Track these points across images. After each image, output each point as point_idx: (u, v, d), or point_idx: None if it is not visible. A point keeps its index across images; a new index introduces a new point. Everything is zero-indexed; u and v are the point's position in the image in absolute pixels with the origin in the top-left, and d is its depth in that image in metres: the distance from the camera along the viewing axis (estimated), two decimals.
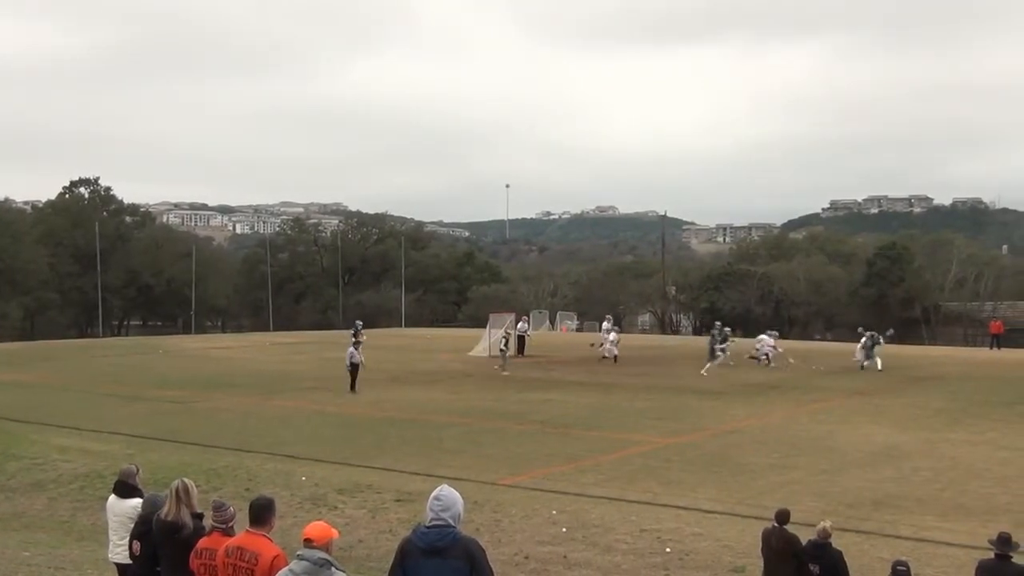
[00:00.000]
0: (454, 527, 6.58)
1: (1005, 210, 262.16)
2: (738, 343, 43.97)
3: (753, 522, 13.94)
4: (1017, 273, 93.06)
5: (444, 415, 27.04)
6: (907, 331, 77.20)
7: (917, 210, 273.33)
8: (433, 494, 6.73)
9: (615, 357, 41.84)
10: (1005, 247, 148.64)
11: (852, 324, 78.88)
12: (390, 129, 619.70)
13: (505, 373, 37.77)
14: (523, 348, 48.08)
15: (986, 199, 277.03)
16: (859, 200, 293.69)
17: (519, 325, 50.16)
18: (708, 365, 38.45)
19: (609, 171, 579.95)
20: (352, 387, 32.01)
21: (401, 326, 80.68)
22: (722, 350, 39.70)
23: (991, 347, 54.16)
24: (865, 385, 34.74)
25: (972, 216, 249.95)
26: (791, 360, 40.98)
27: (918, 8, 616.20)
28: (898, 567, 9.51)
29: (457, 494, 6.74)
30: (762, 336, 43.16)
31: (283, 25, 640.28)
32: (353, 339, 38.53)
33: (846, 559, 10.30)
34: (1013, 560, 9.88)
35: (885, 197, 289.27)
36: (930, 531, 14.76)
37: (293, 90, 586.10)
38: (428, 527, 6.61)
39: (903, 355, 44.98)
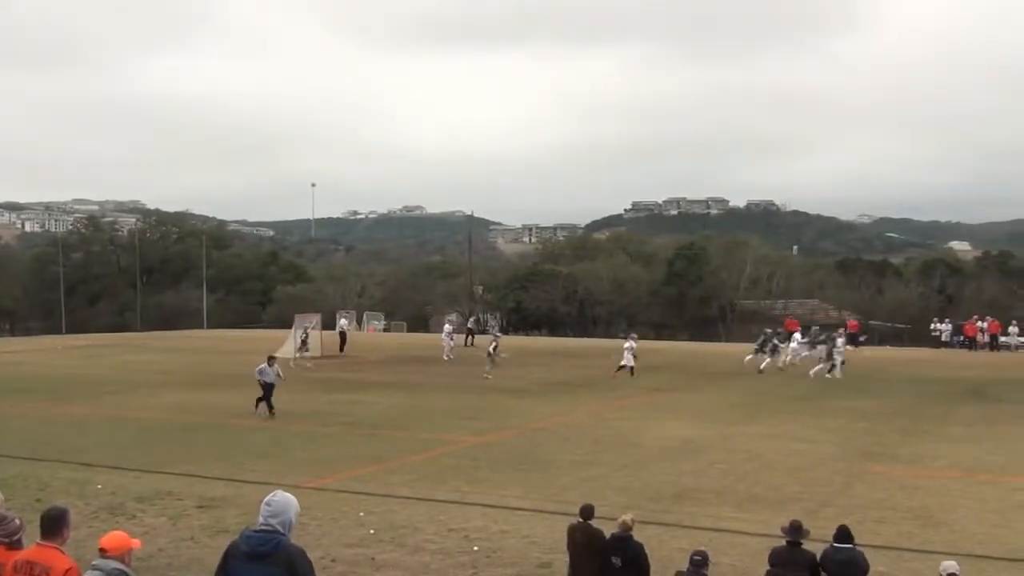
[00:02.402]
0: (281, 534, 6.43)
1: (796, 212, 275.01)
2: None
3: (559, 518, 14.14)
4: (806, 272, 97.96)
5: (249, 419, 26.46)
6: (704, 329, 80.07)
7: (714, 212, 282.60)
8: (265, 499, 6.58)
9: (632, 369, 37.16)
10: (795, 248, 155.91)
11: (653, 323, 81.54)
12: (191, 127, 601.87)
13: (489, 377, 36.60)
14: (343, 346, 48.24)
15: (778, 201, 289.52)
16: (659, 202, 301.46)
17: (341, 322, 50.05)
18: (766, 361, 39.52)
19: (416, 171, 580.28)
20: (262, 405, 27.05)
21: (203, 327, 78.63)
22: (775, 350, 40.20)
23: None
24: (665, 382, 35.84)
25: (765, 218, 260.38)
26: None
27: (715, 20, 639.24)
28: (695, 557, 9.84)
29: (292, 500, 6.59)
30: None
31: (76, 18, 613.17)
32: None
33: (647, 551, 10.51)
34: (803, 546, 10.38)
35: (684, 199, 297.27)
36: (727, 521, 15.30)
37: (88, 86, 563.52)
38: (254, 531, 6.47)
39: (700, 352, 46.57)
